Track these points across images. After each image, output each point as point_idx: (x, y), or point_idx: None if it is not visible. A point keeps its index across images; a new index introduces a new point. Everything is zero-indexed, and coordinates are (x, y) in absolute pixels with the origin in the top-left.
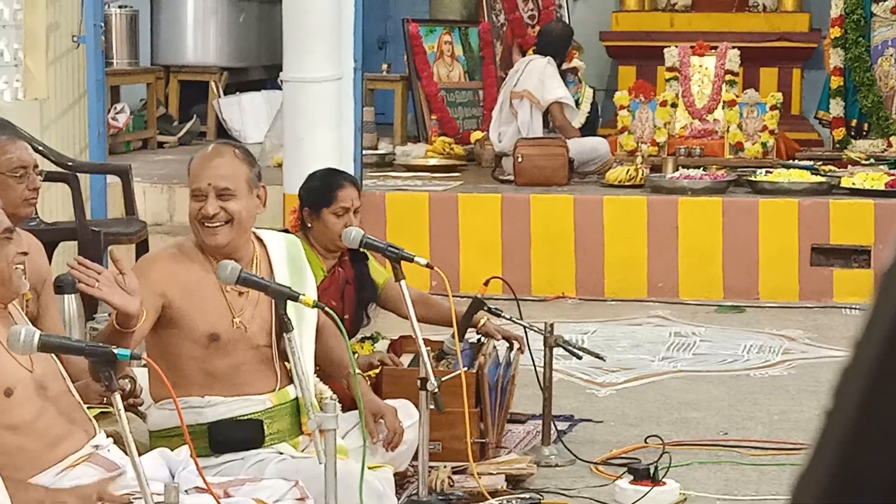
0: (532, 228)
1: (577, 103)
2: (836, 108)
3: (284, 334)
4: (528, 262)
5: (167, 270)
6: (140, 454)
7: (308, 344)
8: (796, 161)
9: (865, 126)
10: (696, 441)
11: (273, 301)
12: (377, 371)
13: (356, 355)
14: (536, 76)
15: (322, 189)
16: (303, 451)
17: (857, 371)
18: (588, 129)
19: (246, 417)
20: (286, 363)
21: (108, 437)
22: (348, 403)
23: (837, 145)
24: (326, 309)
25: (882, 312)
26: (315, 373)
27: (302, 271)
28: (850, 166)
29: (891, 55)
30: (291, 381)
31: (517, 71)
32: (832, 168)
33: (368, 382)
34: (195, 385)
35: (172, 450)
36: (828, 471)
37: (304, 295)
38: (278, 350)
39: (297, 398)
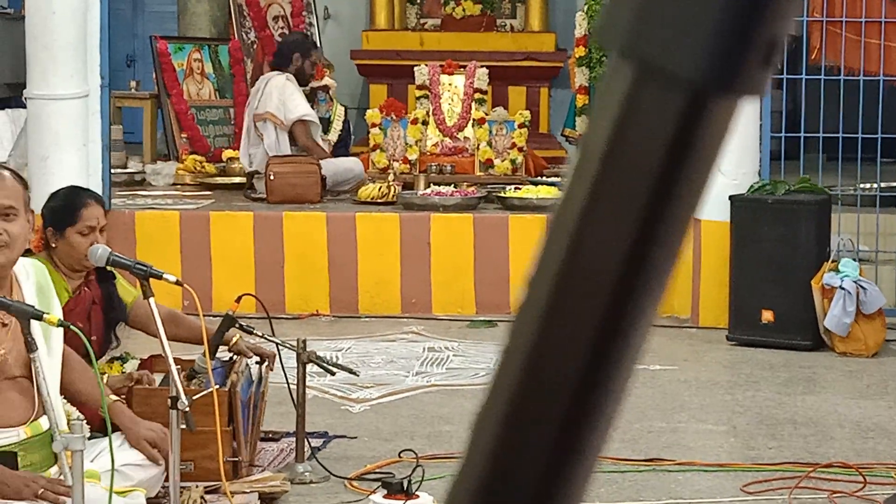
0: (285, 246)
1: (329, 121)
2: (582, 125)
3: (29, 354)
4: (282, 280)
5: None
6: None
7: (57, 366)
8: (544, 178)
9: None
10: (450, 454)
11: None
12: (132, 384)
13: (105, 376)
14: (277, 96)
15: (66, 208)
16: None
17: (530, 307)
18: (340, 147)
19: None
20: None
21: None
22: (98, 425)
23: None
24: (72, 327)
25: (552, 250)
26: (65, 396)
27: (49, 298)
28: None
29: None
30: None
31: (258, 91)
32: None
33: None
34: None
35: None
36: (509, 398)
37: (48, 314)
38: (36, 381)
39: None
